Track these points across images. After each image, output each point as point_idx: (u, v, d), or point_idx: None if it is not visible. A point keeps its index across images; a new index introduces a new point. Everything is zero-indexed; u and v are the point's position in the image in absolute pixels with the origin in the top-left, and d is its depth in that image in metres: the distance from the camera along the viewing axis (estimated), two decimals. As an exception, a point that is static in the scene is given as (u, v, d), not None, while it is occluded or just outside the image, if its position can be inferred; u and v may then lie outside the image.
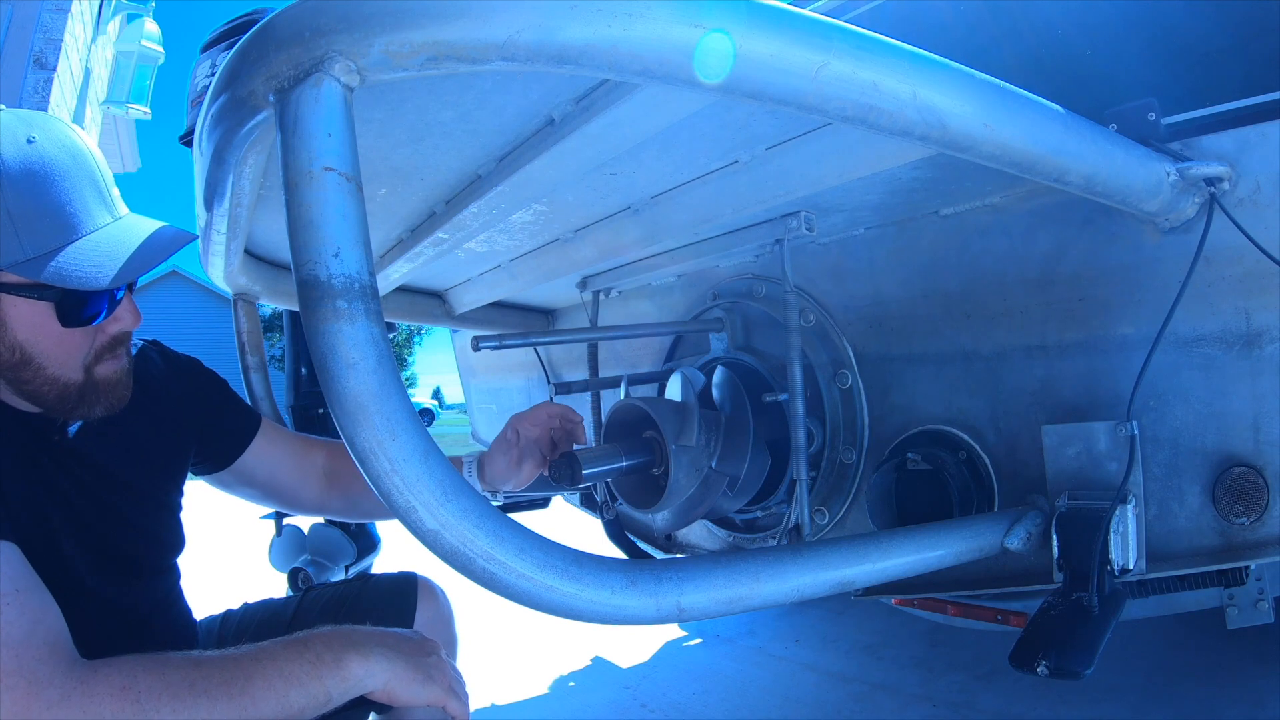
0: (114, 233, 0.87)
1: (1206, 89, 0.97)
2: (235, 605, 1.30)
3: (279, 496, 1.25)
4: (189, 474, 1.19)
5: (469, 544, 0.58)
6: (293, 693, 0.79)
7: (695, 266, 1.53)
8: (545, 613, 0.63)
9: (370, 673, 0.84)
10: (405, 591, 1.22)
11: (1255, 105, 0.93)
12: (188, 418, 1.14)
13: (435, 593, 1.26)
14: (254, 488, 1.23)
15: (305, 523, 2.12)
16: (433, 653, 0.93)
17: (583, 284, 1.76)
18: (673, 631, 2.93)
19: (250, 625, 1.22)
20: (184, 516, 1.18)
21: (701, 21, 0.56)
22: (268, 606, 1.27)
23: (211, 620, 1.24)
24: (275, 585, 2.00)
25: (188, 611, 1.15)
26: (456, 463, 1.16)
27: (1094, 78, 1.07)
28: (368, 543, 2.32)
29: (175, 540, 1.11)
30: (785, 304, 1.24)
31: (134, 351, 1.13)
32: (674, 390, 1.48)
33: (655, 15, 0.55)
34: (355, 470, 1.22)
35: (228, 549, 4.11)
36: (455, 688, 0.92)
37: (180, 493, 1.15)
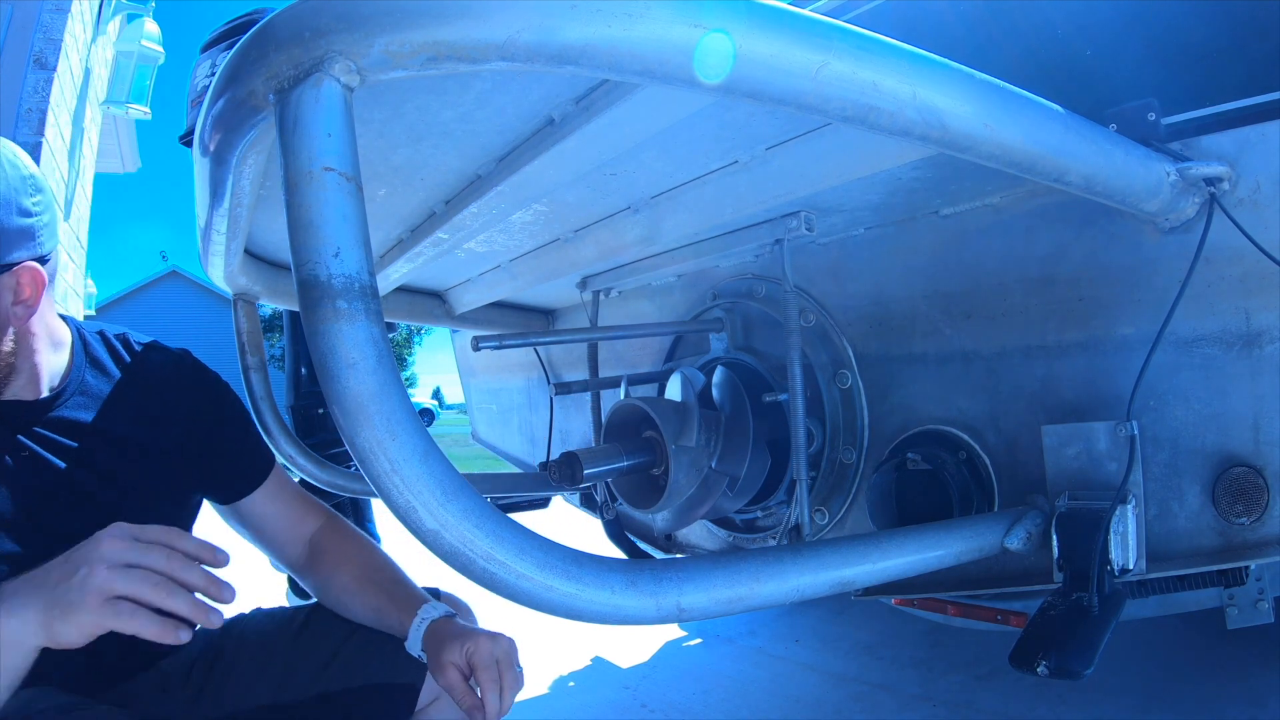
0: None
1: (1206, 89, 0.97)
2: (252, 609, 1.26)
3: (266, 547, 1.22)
4: (200, 497, 1.18)
5: (469, 544, 0.58)
6: None
7: (695, 266, 1.53)
8: (545, 613, 0.63)
9: (18, 626, 0.75)
10: None
11: (1255, 105, 0.93)
12: (199, 436, 1.13)
13: (460, 609, 1.20)
14: (246, 530, 1.21)
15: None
16: (83, 564, 0.77)
17: (583, 284, 1.76)
18: (673, 631, 2.93)
19: (252, 636, 1.18)
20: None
21: (701, 21, 0.56)
22: (276, 616, 1.23)
23: (233, 620, 1.19)
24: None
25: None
26: (410, 608, 1.08)
27: (1094, 78, 1.07)
28: (368, 543, 2.31)
29: None
30: (785, 304, 1.24)
31: (167, 354, 1.16)
32: (674, 390, 1.48)
33: (655, 15, 0.55)
34: (335, 557, 1.17)
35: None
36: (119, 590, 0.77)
37: (184, 496, 1.14)
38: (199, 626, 1.19)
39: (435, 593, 1.21)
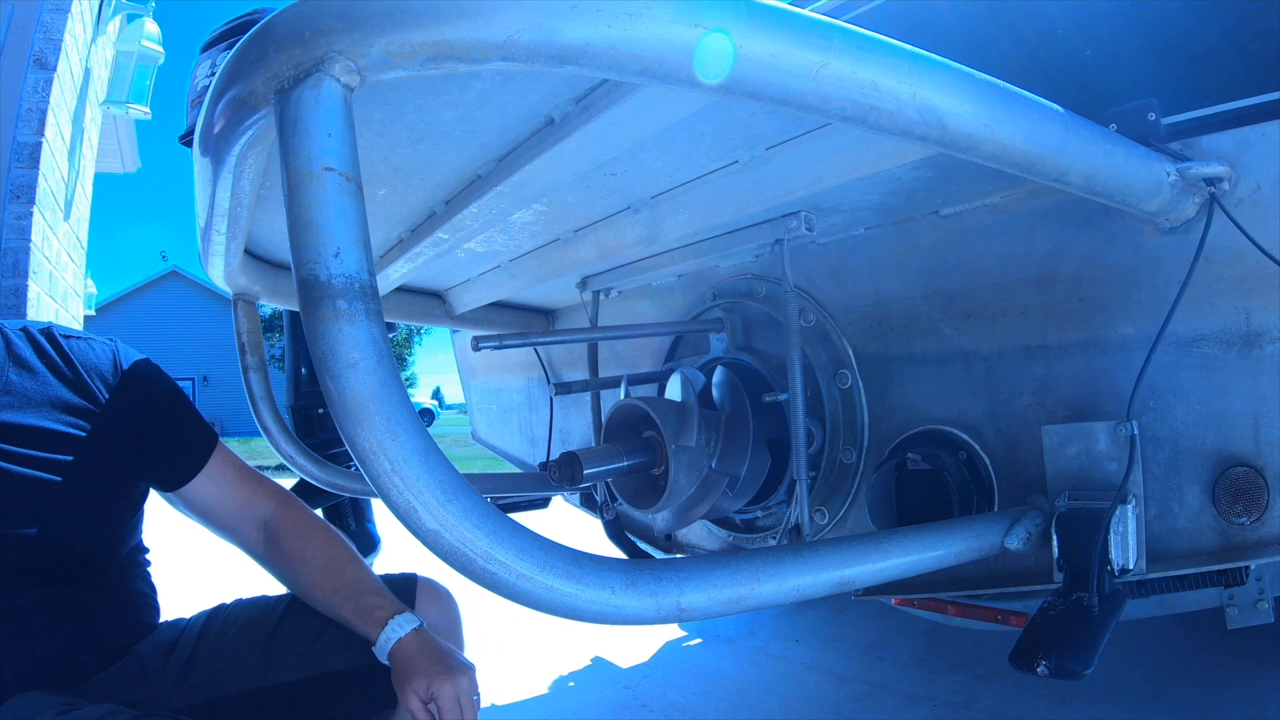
0: None
1: (1206, 89, 0.97)
2: (233, 599, 1.27)
3: (220, 532, 1.21)
4: (146, 485, 1.17)
5: (469, 544, 0.58)
6: None
7: (695, 266, 1.53)
8: (545, 613, 0.63)
9: None
10: (402, 593, 1.18)
11: (1255, 105, 0.93)
12: (134, 424, 1.12)
13: (439, 594, 1.23)
14: (198, 516, 1.20)
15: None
16: None
17: (583, 284, 1.76)
18: (673, 631, 2.93)
19: (235, 623, 1.18)
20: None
21: (701, 21, 0.56)
22: (257, 604, 1.23)
23: (199, 616, 1.22)
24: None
25: (115, 611, 1.12)
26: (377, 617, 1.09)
27: (1094, 78, 1.07)
28: (368, 542, 2.32)
29: (77, 527, 1.07)
30: (785, 304, 1.24)
31: (95, 345, 1.15)
32: (674, 390, 1.48)
33: (655, 15, 0.55)
34: (294, 554, 1.16)
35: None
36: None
37: (124, 486, 1.13)
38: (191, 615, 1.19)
39: (412, 579, 1.22)
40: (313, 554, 1.16)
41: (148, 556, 1.23)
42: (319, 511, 1.65)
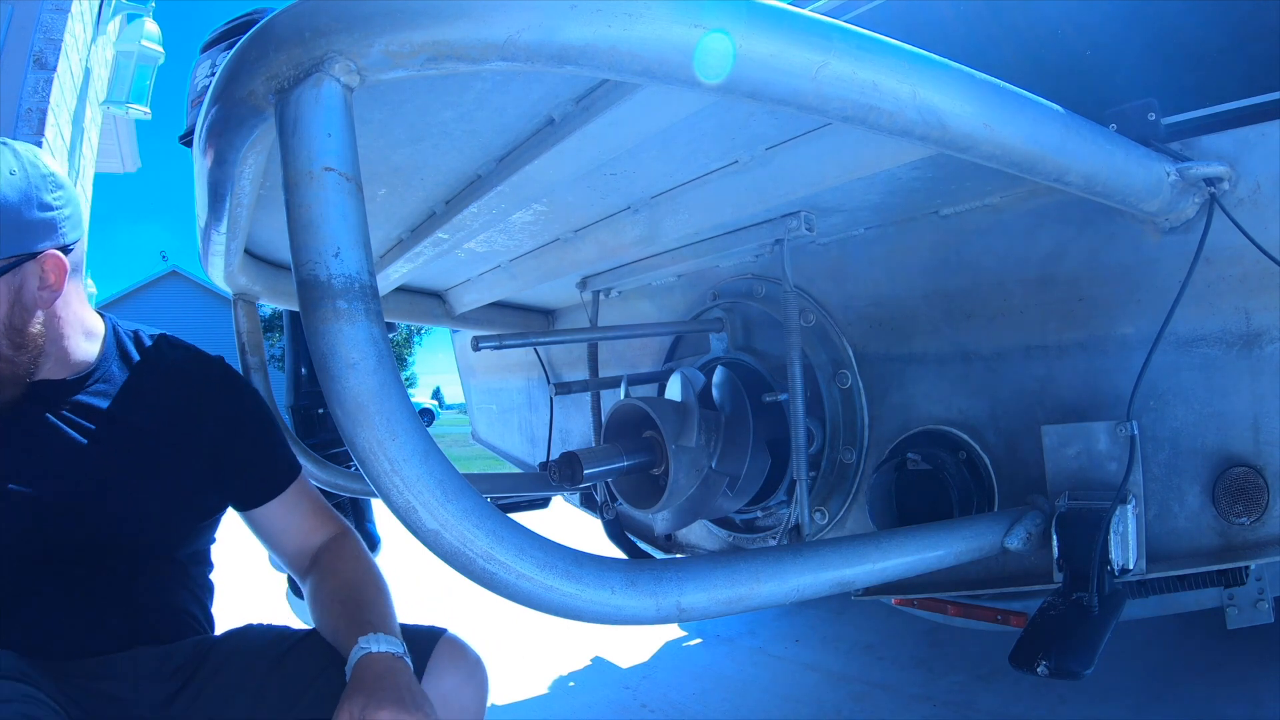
0: None
1: (1206, 89, 0.97)
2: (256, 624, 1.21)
3: (275, 553, 1.23)
4: (221, 500, 1.18)
5: (469, 544, 0.58)
6: None
7: (695, 266, 1.53)
8: (545, 613, 0.63)
9: None
10: (422, 646, 1.06)
11: (1255, 105, 0.93)
12: (221, 438, 1.15)
13: (466, 657, 1.09)
14: (260, 535, 1.21)
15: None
16: None
17: (583, 284, 1.76)
18: (673, 631, 2.93)
19: (240, 649, 1.12)
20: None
21: (701, 21, 0.56)
22: (266, 635, 1.16)
23: (229, 633, 1.17)
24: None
25: (132, 607, 1.10)
26: (354, 628, 1.00)
27: (1094, 78, 1.07)
28: (368, 542, 2.32)
29: (129, 512, 1.08)
30: (785, 304, 1.24)
31: (200, 358, 1.20)
32: (674, 390, 1.48)
33: (655, 15, 0.55)
34: (323, 571, 1.15)
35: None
36: None
37: (199, 494, 1.14)
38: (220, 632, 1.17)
39: (437, 634, 1.12)
40: (340, 567, 1.15)
41: (211, 579, 1.23)
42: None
